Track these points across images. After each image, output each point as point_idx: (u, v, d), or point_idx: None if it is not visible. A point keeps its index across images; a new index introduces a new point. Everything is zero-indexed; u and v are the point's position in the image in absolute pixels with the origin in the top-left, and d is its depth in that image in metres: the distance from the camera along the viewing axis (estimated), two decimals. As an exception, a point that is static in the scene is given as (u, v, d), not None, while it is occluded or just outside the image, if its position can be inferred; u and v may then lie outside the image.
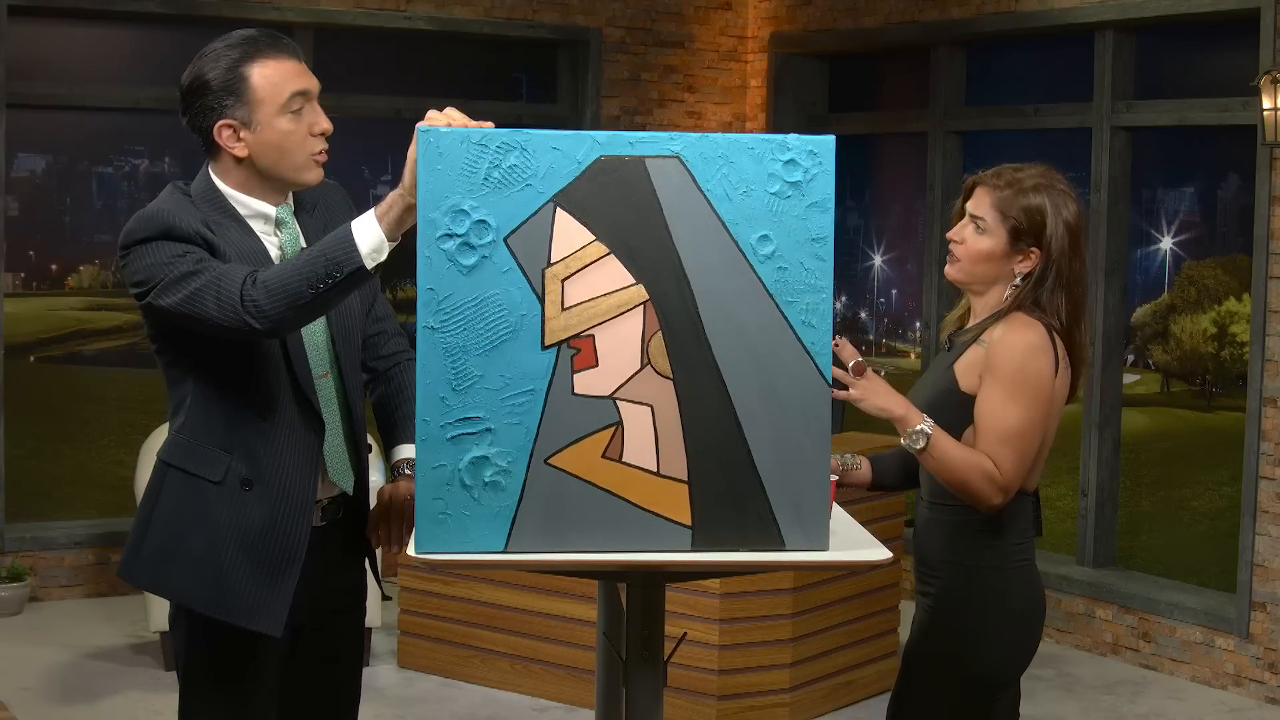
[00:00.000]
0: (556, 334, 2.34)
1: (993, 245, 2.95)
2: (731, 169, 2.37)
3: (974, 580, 2.96)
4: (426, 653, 5.61)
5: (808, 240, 2.39)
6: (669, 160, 2.35)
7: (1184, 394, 6.25)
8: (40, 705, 5.22)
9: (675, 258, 2.35)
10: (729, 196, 2.37)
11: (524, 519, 2.36)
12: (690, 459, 2.37)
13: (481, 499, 2.35)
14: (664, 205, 2.35)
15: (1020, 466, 2.88)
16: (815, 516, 2.41)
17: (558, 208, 2.34)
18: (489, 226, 2.33)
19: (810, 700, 5.17)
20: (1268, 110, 5.47)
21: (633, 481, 2.37)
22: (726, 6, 7.83)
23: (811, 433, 2.39)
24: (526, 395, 2.34)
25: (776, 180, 2.37)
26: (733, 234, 2.37)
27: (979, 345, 2.95)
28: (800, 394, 2.38)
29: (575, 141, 2.34)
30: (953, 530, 2.99)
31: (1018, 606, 2.98)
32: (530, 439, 2.34)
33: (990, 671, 2.97)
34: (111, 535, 6.58)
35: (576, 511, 2.36)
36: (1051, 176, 2.99)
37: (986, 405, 2.89)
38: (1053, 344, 2.91)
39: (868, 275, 7.63)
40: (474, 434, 2.34)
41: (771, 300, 2.37)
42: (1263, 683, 5.64)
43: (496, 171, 2.32)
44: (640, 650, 2.72)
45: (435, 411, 2.33)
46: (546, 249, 2.34)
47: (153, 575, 2.79)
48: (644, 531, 2.38)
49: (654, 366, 2.36)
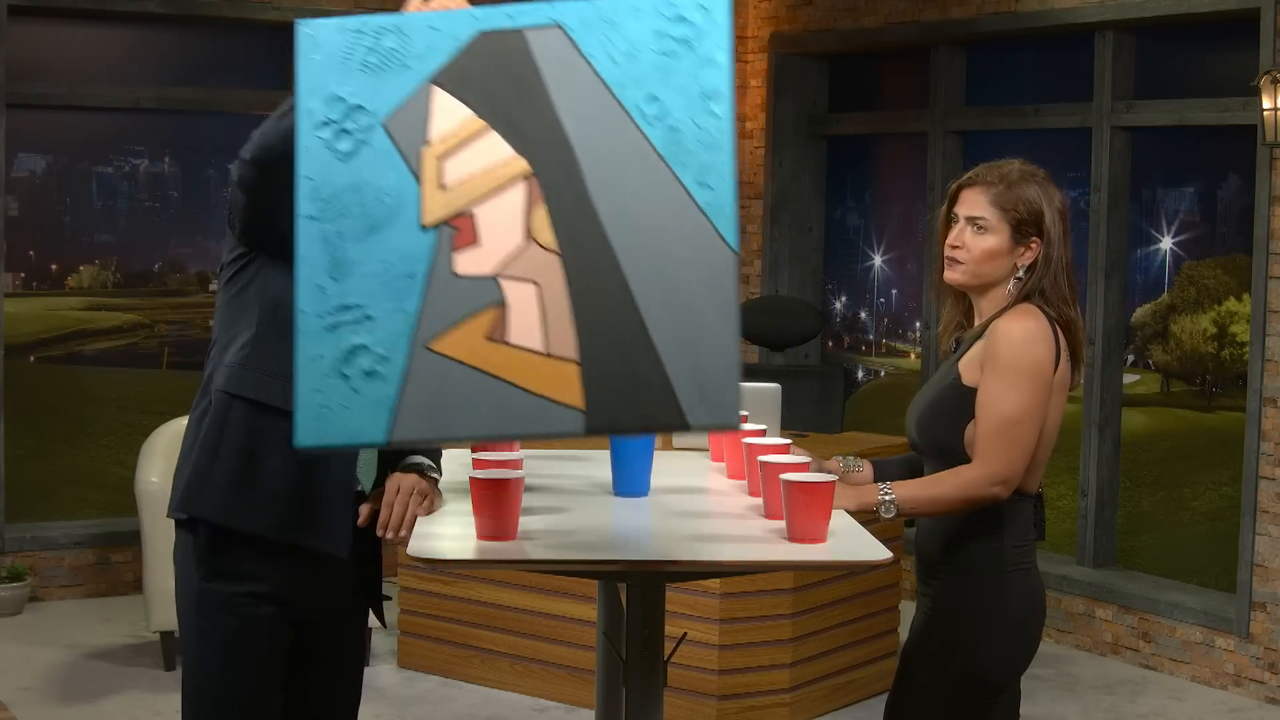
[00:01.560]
0: (435, 213, 2.23)
1: (997, 242, 2.97)
2: (616, 31, 2.25)
3: (973, 582, 2.96)
4: (426, 653, 5.61)
5: (700, 98, 2.23)
6: (549, 30, 2.24)
7: (1184, 394, 6.25)
8: (40, 705, 5.22)
9: (558, 127, 2.23)
10: (614, 60, 2.24)
11: (406, 409, 2.22)
12: (580, 337, 2.20)
13: (361, 389, 2.22)
14: (545, 76, 2.24)
15: (1017, 453, 2.88)
16: (721, 389, 2.19)
17: (435, 87, 2.25)
18: (365, 111, 2.25)
19: (810, 700, 5.17)
20: (1268, 110, 5.47)
21: (519, 364, 2.21)
22: (726, 6, 7.81)
23: (713, 300, 2.19)
24: (405, 279, 2.23)
25: (664, 38, 2.23)
26: (618, 98, 2.24)
27: (982, 339, 2.97)
28: (699, 258, 2.20)
29: (453, 20, 2.26)
30: (953, 532, 2.99)
31: (1017, 609, 2.97)
32: (410, 324, 2.22)
33: (988, 673, 2.97)
34: (111, 535, 6.58)
35: (461, 399, 2.21)
36: (1031, 168, 3.02)
37: (985, 394, 2.90)
38: (1054, 334, 2.93)
39: (868, 275, 7.63)
40: (352, 322, 2.23)
41: (663, 163, 2.22)
42: (1263, 683, 5.64)
43: (374, 56, 2.25)
44: (640, 650, 2.72)
45: (313, 301, 2.24)
46: (424, 129, 2.25)
47: (225, 506, 2.79)
48: (532, 416, 2.20)
49: (538, 241, 2.22)
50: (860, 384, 7.64)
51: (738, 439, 3.13)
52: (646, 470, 2.98)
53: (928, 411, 3.01)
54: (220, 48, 6.91)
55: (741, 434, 3.13)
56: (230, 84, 6.91)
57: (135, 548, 6.20)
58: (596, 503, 2.95)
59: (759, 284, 7.83)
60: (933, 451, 3.02)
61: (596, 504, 2.94)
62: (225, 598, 2.82)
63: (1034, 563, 3.02)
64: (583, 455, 3.51)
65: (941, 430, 2.98)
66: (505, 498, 2.56)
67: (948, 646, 2.98)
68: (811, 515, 2.59)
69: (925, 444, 3.03)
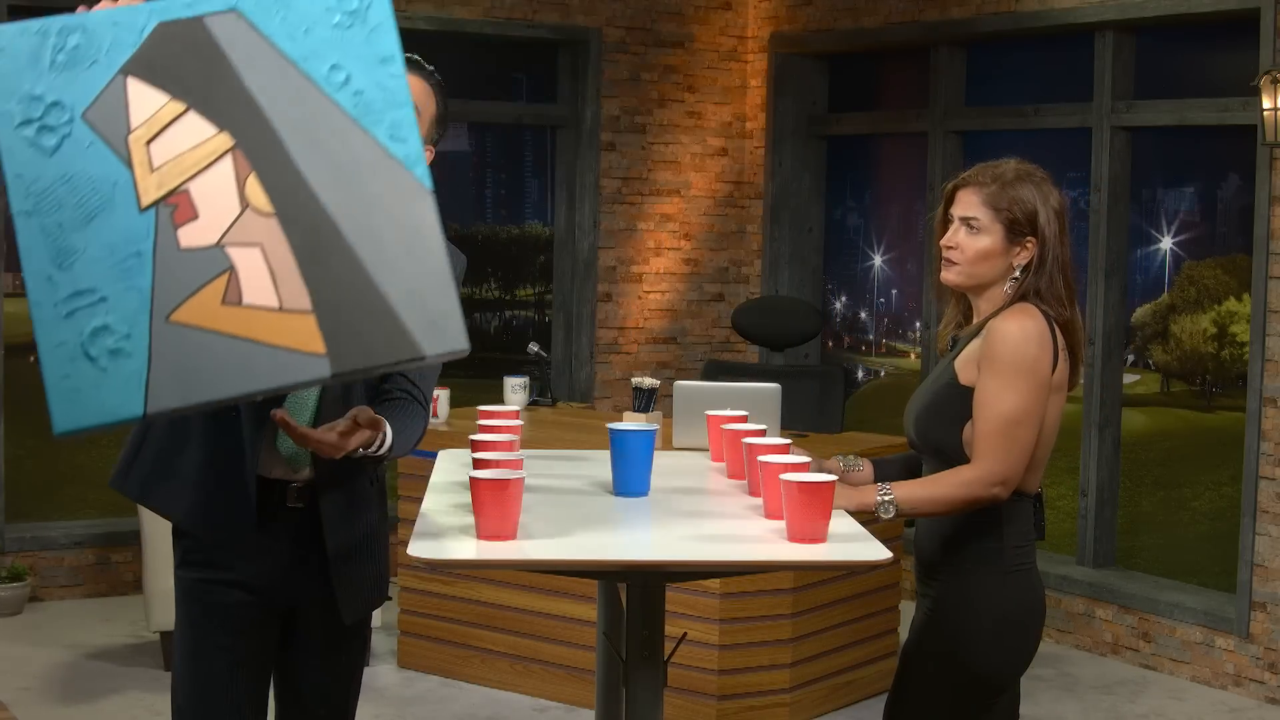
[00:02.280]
0: (151, 194, 2.34)
1: (990, 243, 2.96)
2: (289, 10, 2.39)
3: (972, 582, 2.96)
4: (426, 653, 5.61)
5: (377, 63, 2.39)
6: (227, 15, 2.37)
7: (1184, 394, 6.25)
8: (40, 705, 5.23)
9: (252, 102, 2.37)
10: (292, 37, 2.38)
11: (156, 380, 2.31)
12: (310, 288, 2.33)
13: (109, 368, 2.31)
14: (231, 57, 2.37)
15: (1017, 453, 2.88)
16: (445, 315, 2.35)
17: (128, 77, 2.36)
18: (63, 106, 2.35)
19: (810, 700, 5.17)
20: (1268, 110, 5.47)
21: (258, 322, 2.33)
22: (726, 6, 7.83)
23: (421, 237, 2.35)
24: (134, 258, 2.33)
25: (334, 13, 2.39)
26: (304, 70, 2.38)
27: (978, 338, 2.96)
28: (403, 203, 2.36)
29: (133, 14, 2.37)
30: (952, 532, 2.99)
31: (1015, 610, 2.97)
32: (146, 301, 2.32)
33: (986, 674, 2.97)
34: (111, 535, 6.58)
35: (207, 362, 2.31)
36: (1029, 167, 3.01)
37: (983, 394, 2.90)
38: (1052, 333, 2.92)
39: (868, 275, 7.63)
40: (89, 305, 2.32)
41: (356, 124, 2.37)
42: (1263, 683, 5.64)
43: (62, 54, 2.35)
44: (640, 650, 2.72)
45: (45, 291, 2.33)
46: (125, 117, 2.36)
47: (145, 488, 2.91)
48: (279, 368, 2.32)
49: (254, 207, 2.35)
50: (860, 384, 7.65)
51: (738, 439, 3.13)
52: (646, 470, 2.98)
53: (925, 411, 3.01)
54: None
55: (741, 434, 3.13)
56: (230, 84, 6.91)
57: (135, 548, 6.21)
58: (596, 503, 2.95)
59: (759, 284, 7.84)
60: (931, 451, 3.02)
61: (596, 504, 2.94)
62: (193, 583, 2.92)
63: (1034, 563, 3.02)
64: (583, 455, 3.51)
65: (939, 430, 2.98)
66: (505, 498, 2.56)
67: (947, 647, 2.98)
68: (811, 515, 2.59)
69: (923, 443, 3.03)
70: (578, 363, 7.63)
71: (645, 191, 7.71)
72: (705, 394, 4.63)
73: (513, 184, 7.77)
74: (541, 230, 7.73)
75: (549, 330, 7.70)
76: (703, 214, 7.85)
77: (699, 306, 7.87)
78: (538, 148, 7.75)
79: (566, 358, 7.65)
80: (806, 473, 2.69)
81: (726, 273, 7.92)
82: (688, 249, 7.82)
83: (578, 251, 7.60)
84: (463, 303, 2.37)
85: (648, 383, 5.44)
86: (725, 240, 7.91)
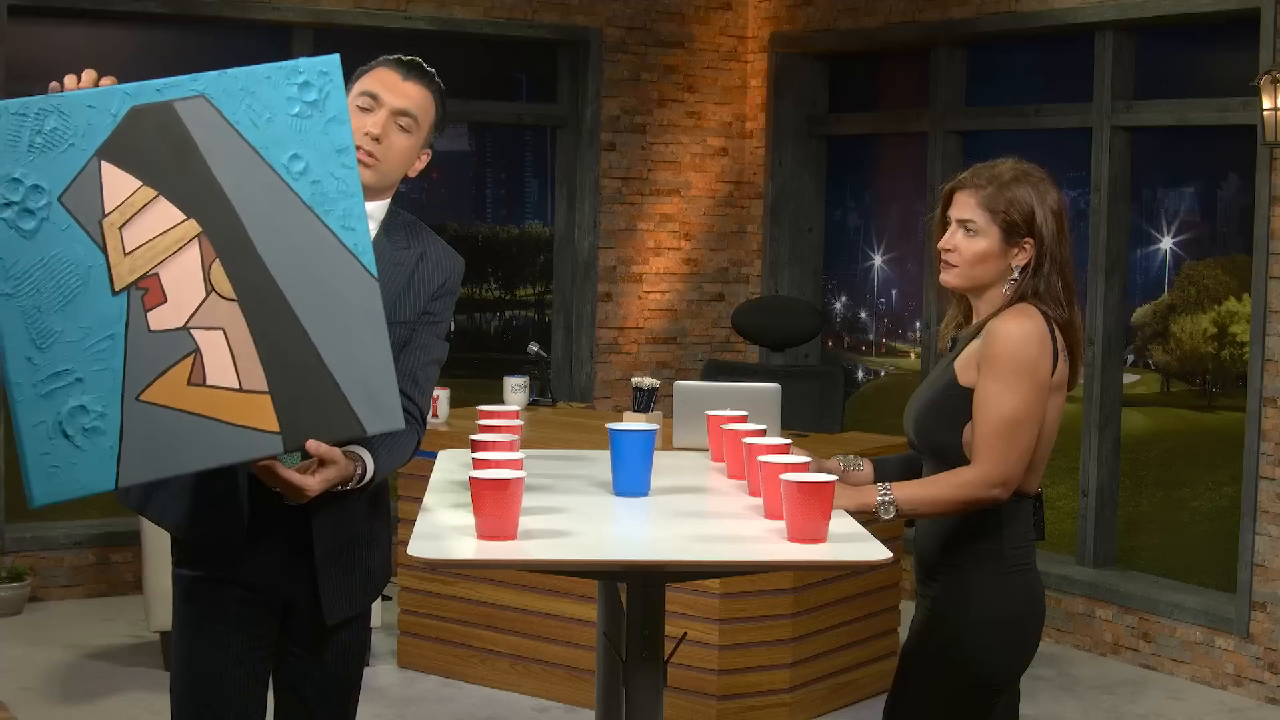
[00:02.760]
0: (124, 278, 2.46)
1: (988, 245, 2.96)
2: (254, 99, 2.50)
3: (972, 583, 2.96)
4: (426, 653, 5.61)
5: (333, 153, 2.54)
6: (195, 100, 2.47)
7: (1184, 394, 6.25)
8: (40, 705, 5.23)
9: (218, 189, 2.49)
10: (255, 124, 2.50)
11: (128, 455, 2.47)
12: (267, 371, 2.51)
13: (84, 445, 2.46)
14: (199, 143, 2.48)
15: (1016, 454, 2.88)
16: (385, 397, 2.58)
17: (102, 161, 2.45)
18: (42, 190, 2.43)
19: (810, 700, 5.17)
20: (1268, 110, 5.47)
21: (220, 401, 2.50)
22: (726, 6, 7.83)
23: (368, 324, 2.55)
24: (107, 341, 2.46)
25: (295, 103, 2.51)
26: (265, 158, 2.51)
27: (978, 339, 2.96)
28: (352, 291, 2.54)
29: (107, 97, 2.46)
30: (952, 533, 2.99)
31: (1015, 610, 2.97)
32: (118, 381, 2.46)
33: (986, 674, 2.97)
34: (111, 535, 6.58)
35: (174, 438, 2.48)
36: (1027, 167, 3.00)
37: (982, 395, 2.89)
38: (1052, 334, 2.92)
39: (868, 275, 7.63)
40: (66, 386, 2.45)
41: (311, 212, 2.52)
42: (1263, 683, 5.64)
43: (39, 137, 2.44)
44: (640, 650, 2.72)
45: (25, 373, 2.43)
46: (99, 201, 2.45)
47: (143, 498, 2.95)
48: (238, 444, 2.52)
49: (218, 292, 2.50)
50: (860, 384, 7.65)
51: (738, 439, 3.13)
52: (646, 470, 2.98)
53: (925, 412, 3.01)
54: (220, 48, 6.91)
55: (741, 434, 3.13)
56: (230, 84, 6.91)
57: (135, 548, 6.21)
58: (596, 503, 2.95)
59: (759, 284, 7.84)
60: (930, 452, 3.02)
61: (596, 504, 2.94)
62: (190, 580, 2.94)
63: (1033, 563, 3.02)
64: (583, 455, 3.51)
65: (939, 431, 2.98)
66: (505, 498, 2.56)
67: (947, 647, 2.98)
68: (811, 515, 2.59)
69: (922, 444, 3.03)
70: (578, 363, 7.63)
71: (645, 191, 7.71)
72: (705, 394, 4.63)
73: (513, 184, 7.77)
74: (541, 230, 7.73)
75: (549, 330, 7.70)
76: (703, 214, 7.85)
77: (699, 306, 7.87)
78: (538, 148, 7.76)
79: (566, 358, 7.65)
80: (806, 473, 2.69)
81: (726, 273, 7.92)
82: (688, 249, 7.82)
83: (578, 251, 7.60)
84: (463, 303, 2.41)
85: (648, 383, 5.44)
86: (725, 240, 7.91)
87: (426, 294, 2.95)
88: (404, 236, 2.97)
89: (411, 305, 2.93)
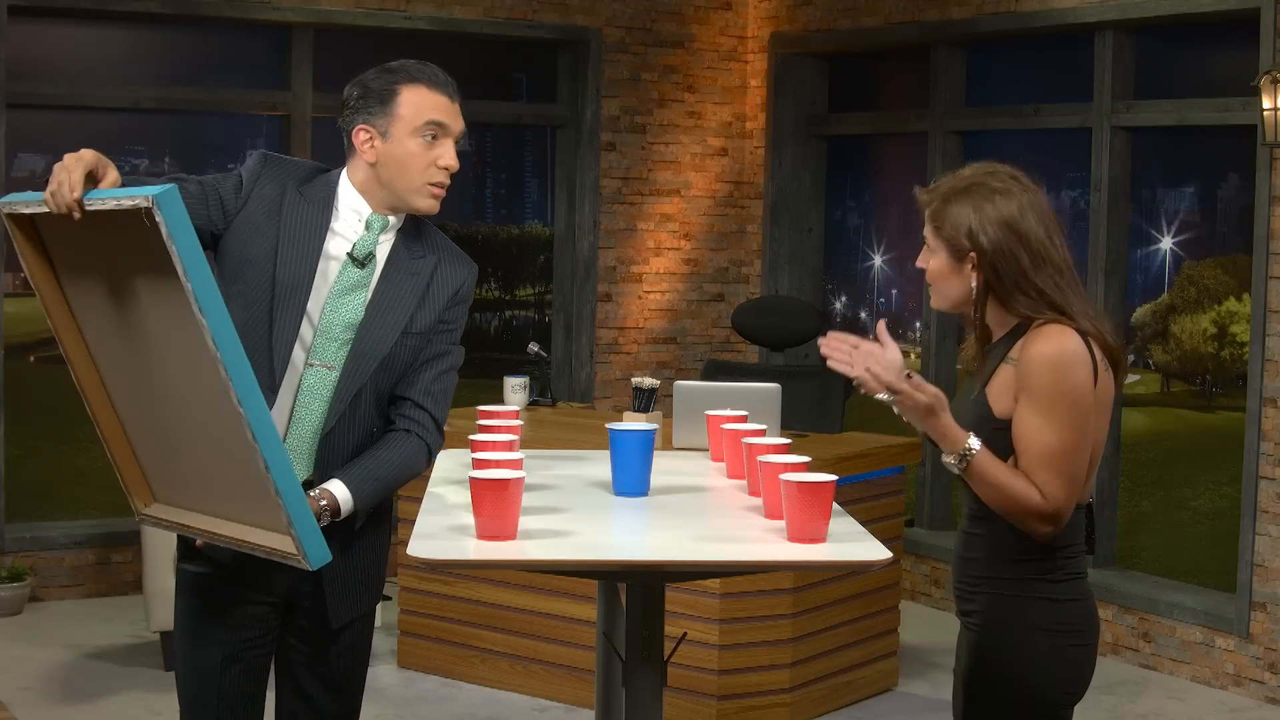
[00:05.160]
0: None
1: (938, 264, 2.82)
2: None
3: (1023, 598, 2.77)
4: (426, 653, 5.61)
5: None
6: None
7: (1184, 394, 6.25)
8: (40, 705, 5.23)
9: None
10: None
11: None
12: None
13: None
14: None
15: (1069, 487, 2.71)
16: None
17: None
18: None
19: (810, 700, 5.17)
20: (1268, 110, 5.47)
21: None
22: (726, 6, 7.83)
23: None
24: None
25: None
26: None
27: (1007, 364, 2.78)
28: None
29: None
30: (997, 544, 2.80)
31: (1072, 622, 2.78)
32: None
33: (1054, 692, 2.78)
34: (111, 535, 6.58)
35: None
36: (984, 175, 2.80)
37: (1023, 428, 2.72)
38: (1089, 349, 2.74)
39: (868, 275, 7.63)
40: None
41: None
42: (1263, 683, 5.64)
43: None
44: (640, 650, 2.72)
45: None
46: None
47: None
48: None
49: None
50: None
51: (738, 439, 3.13)
52: (646, 470, 2.98)
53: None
54: (220, 48, 6.91)
55: (741, 434, 3.13)
56: (230, 84, 6.91)
57: (135, 548, 6.20)
58: (596, 503, 2.95)
59: (759, 284, 7.84)
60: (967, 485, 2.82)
61: (596, 504, 2.94)
62: (194, 577, 2.97)
63: (1084, 574, 2.83)
64: (583, 455, 3.51)
65: None
66: (505, 498, 2.56)
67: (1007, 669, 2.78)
68: (811, 515, 2.59)
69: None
70: (578, 363, 7.63)
71: (645, 191, 7.71)
72: (705, 394, 4.63)
73: (513, 184, 7.77)
74: (541, 230, 7.73)
75: (549, 330, 7.70)
76: (703, 214, 7.84)
77: (699, 306, 7.86)
78: (538, 148, 7.75)
79: (566, 358, 7.65)
80: (806, 473, 2.68)
81: (726, 273, 7.92)
82: (688, 249, 7.82)
83: (578, 251, 7.60)
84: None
85: (648, 383, 5.44)
86: (725, 240, 7.90)
87: (441, 303, 2.99)
88: (420, 244, 3.00)
89: (427, 315, 2.98)
